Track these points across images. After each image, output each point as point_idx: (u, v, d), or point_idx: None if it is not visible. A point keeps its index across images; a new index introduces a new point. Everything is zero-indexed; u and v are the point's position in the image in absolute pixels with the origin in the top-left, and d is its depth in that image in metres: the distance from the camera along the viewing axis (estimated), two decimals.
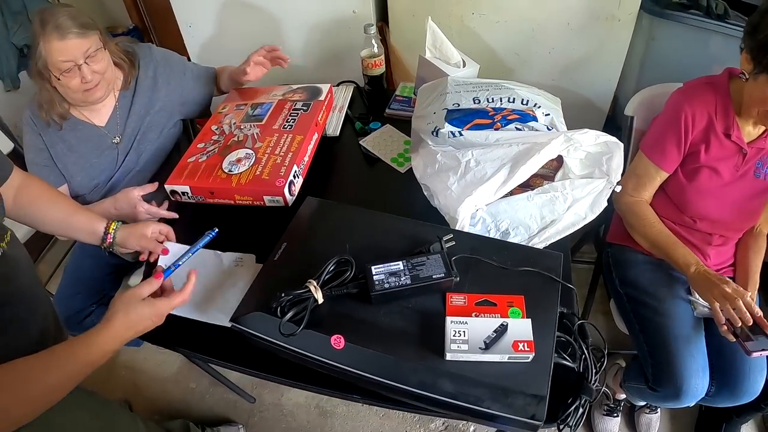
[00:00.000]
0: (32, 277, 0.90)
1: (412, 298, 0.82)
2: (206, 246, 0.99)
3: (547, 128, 1.13)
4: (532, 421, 0.73)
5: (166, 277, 0.87)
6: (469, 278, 0.84)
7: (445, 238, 0.88)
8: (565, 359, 0.85)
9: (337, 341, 0.76)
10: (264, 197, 1.07)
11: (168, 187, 1.13)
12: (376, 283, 0.78)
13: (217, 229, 0.98)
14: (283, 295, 0.77)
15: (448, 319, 0.77)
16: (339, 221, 0.96)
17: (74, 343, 0.74)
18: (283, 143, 1.15)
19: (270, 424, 1.67)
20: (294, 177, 1.09)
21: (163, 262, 1.03)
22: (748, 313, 1.09)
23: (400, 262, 0.82)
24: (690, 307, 1.29)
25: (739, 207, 1.28)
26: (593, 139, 0.98)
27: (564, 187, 1.05)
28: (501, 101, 1.18)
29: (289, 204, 1.07)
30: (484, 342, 0.75)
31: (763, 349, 1.08)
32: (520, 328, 0.77)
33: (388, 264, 0.81)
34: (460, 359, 0.75)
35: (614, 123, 1.80)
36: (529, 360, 0.77)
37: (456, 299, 0.83)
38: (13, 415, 0.68)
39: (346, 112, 1.46)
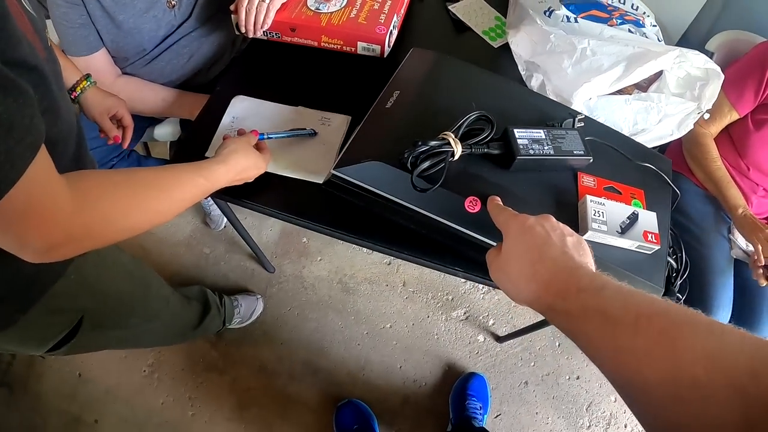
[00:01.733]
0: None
1: (548, 171, 0.75)
2: (285, 102, 0.92)
3: (657, 39, 1.14)
4: None
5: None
6: (596, 162, 0.78)
7: (578, 117, 0.82)
8: (671, 258, 0.84)
9: (473, 204, 0.70)
10: (358, 43, 0.95)
11: (235, 18, 0.97)
12: (521, 147, 0.71)
13: (316, 132, 0.91)
14: (420, 144, 0.68)
15: (588, 197, 0.72)
16: (459, 78, 0.85)
17: (197, 168, 0.68)
18: None
19: (289, 296, 1.63)
20: (393, 27, 0.97)
21: (232, 116, 0.93)
22: None
23: (542, 131, 0.74)
24: (728, 246, 1.35)
25: None
26: (701, 63, 0.99)
27: (660, 100, 1.03)
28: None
29: (385, 55, 0.96)
30: (620, 226, 0.71)
31: None
32: (648, 219, 0.74)
33: (530, 130, 0.74)
34: (596, 240, 0.72)
35: None
36: (651, 252, 0.75)
37: (587, 180, 0.78)
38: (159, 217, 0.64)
39: None
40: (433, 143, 0.69)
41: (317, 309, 1.63)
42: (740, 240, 1.33)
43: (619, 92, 1.04)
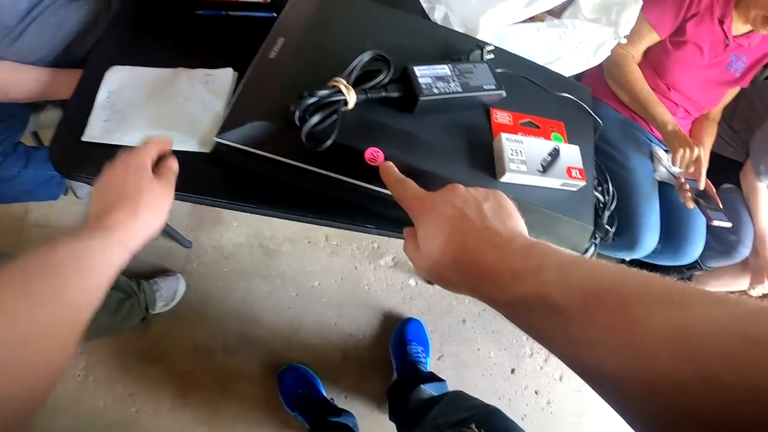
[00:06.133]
0: None
1: (455, 111, 0.67)
2: (166, 65, 0.78)
3: None
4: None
5: None
6: (510, 97, 0.71)
7: (487, 49, 0.73)
8: (597, 192, 0.80)
9: (374, 156, 0.61)
10: None
11: None
12: (424, 86, 0.63)
13: None
14: (308, 95, 0.58)
15: (503, 135, 0.65)
16: (351, 16, 0.75)
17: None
18: None
19: (211, 269, 1.54)
20: None
21: (107, 90, 0.78)
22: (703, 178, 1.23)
23: (446, 66, 0.66)
24: (651, 168, 1.35)
25: (707, 89, 1.39)
26: None
27: (574, 26, 0.97)
28: None
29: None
30: (541, 164, 0.65)
31: (721, 220, 1.21)
32: (571, 153, 0.69)
33: (433, 66, 0.65)
34: (516, 182, 0.65)
35: None
36: (577, 189, 0.69)
37: (501, 116, 0.71)
38: None
39: None
40: (321, 93, 0.59)
41: (242, 278, 1.56)
42: (665, 160, 1.34)
43: (531, 20, 0.98)
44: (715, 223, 1.20)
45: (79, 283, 0.42)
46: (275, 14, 0.77)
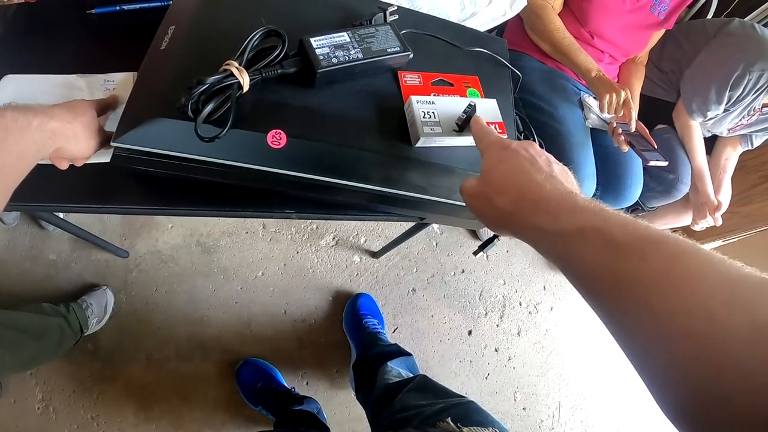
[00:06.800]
0: None
1: (361, 79, 0.65)
2: (63, 71, 0.73)
3: None
4: None
5: None
6: (419, 57, 0.68)
7: (390, 10, 0.70)
8: None
9: (276, 138, 0.58)
10: None
11: None
12: (321, 58, 0.59)
13: None
14: (196, 84, 0.55)
15: (414, 98, 0.63)
16: None
17: None
18: None
19: (151, 275, 1.48)
20: None
21: (1, 102, 0.73)
22: (634, 120, 1.23)
23: (345, 33, 0.63)
24: (582, 117, 1.35)
25: (631, 34, 1.37)
26: None
27: None
28: None
29: None
30: (456, 123, 0.63)
31: (657, 160, 1.22)
32: (488, 107, 0.67)
33: (331, 35, 0.62)
34: (432, 145, 0.63)
35: None
36: None
37: (410, 78, 0.68)
38: None
39: None
40: (211, 79, 0.55)
41: (184, 279, 1.51)
42: (595, 107, 1.33)
43: None
44: (652, 163, 1.21)
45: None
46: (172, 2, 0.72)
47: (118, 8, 0.83)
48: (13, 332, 1.07)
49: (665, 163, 1.24)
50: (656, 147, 1.24)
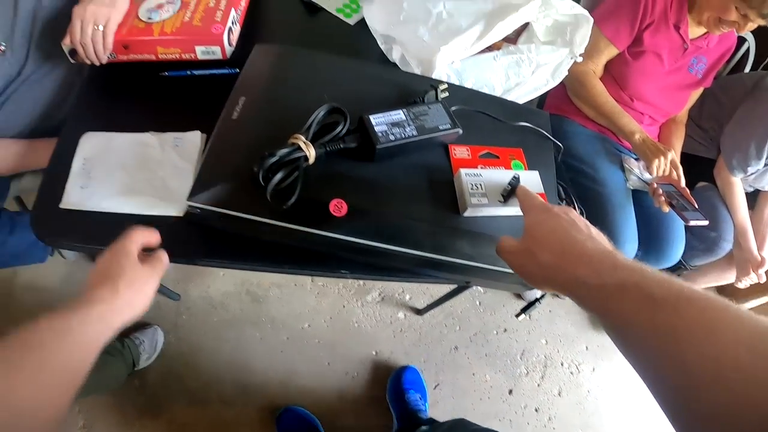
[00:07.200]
0: None
1: (414, 153, 0.70)
2: (137, 129, 0.81)
3: None
4: None
5: None
6: (467, 131, 0.74)
7: (441, 88, 0.76)
8: None
9: (338, 207, 0.64)
10: (196, 48, 0.85)
11: (67, 47, 0.85)
12: (380, 135, 0.65)
13: None
14: (268, 155, 0.61)
15: (462, 171, 0.68)
16: (307, 70, 0.78)
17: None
18: None
19: (201, 319, 1.54)
20: (232, 24, 0.87)
21: (82, 158, 0.81)
22: (683, 181, 1.24)
23: (401, 111, 0.69)
24: (623, 178, 1.37)
25: (671, 95, 1.40)
26: (568, 9, 0.97)
27: (530, 51, 1.00)
28: None
29: (228, 56, 0.87)
30: (502, 195, 0.67)
31: (698, 219, 1.22)
32: (531, 179, 0.71)
33: (388, 113, 0.68)
34: (479, 214, 0.67)
35: None
36: None
37: (459, 151, 0.73)
38: None
39: None
40: (281, 152, 0.62)
41: (232, 326, 1.56)
42: (636, 170, 1.36)
43: (488, 50, 1.00)
44: (692, 223, 1.21)
45: (61, 360, 0.44)
46: (238, 70, 0.80)
47: (188, 72, 0.91)
48: None
49: (705, 223, 1.24)
50: (696, 206, 1.25)
